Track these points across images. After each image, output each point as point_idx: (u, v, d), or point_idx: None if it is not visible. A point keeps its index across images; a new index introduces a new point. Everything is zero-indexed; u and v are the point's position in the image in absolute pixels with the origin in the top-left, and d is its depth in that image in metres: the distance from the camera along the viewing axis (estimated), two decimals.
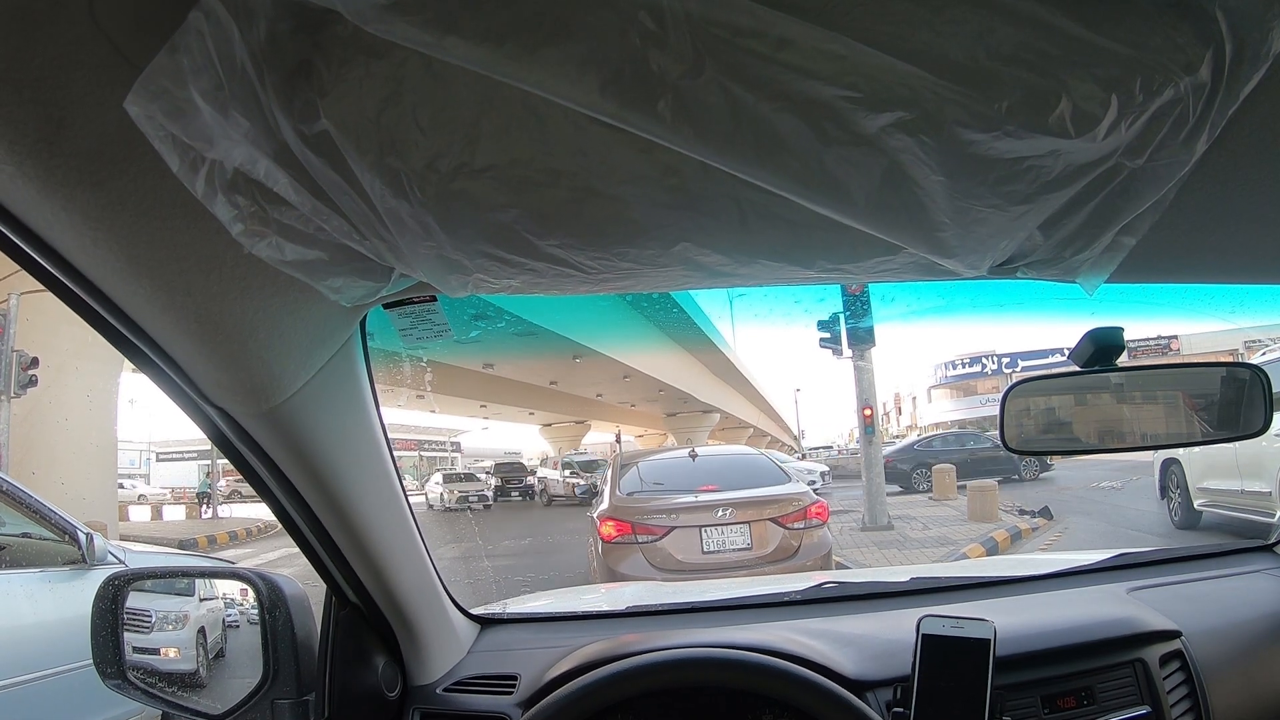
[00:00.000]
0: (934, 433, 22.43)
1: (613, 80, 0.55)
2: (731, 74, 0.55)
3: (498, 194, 0.66)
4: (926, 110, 0.58)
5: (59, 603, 3.63)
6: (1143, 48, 0.57)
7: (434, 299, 1.02)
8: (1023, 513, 11.19)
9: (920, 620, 1.24)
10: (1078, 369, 1.31)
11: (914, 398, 47.13)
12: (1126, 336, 1.26)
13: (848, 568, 7.67)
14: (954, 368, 39.88)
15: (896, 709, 1.24)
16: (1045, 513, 10.90)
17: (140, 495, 26.11)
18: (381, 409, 1.18)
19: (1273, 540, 1.79)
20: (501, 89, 0.57)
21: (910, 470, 16.44)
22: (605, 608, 2.10)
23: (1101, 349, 1.27)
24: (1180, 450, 8.47)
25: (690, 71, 0.55)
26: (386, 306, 1.03)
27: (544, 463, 29.17)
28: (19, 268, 0.72)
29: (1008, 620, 1.35)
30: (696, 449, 7.65)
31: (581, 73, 0.55)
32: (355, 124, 0.60)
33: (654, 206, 0.69)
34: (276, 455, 1.03)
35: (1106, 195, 0.69)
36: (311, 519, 1.13)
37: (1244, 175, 0.76)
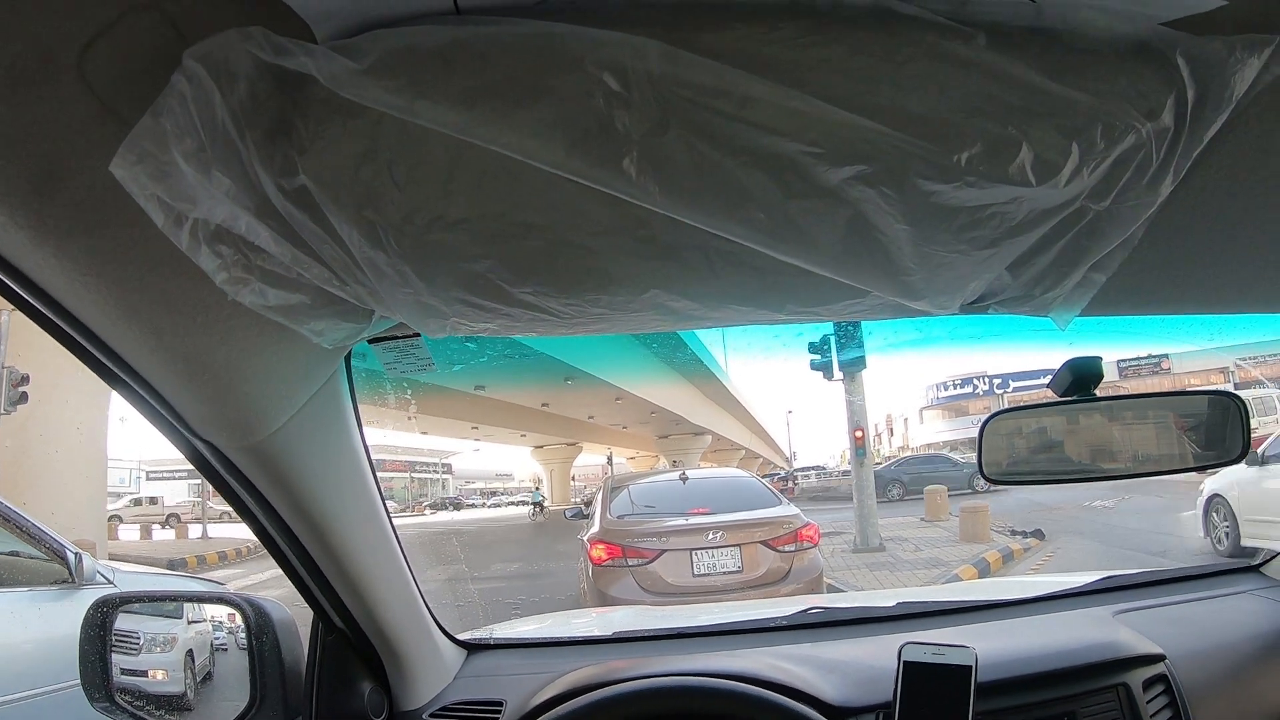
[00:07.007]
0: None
1: (580, 141, 0.57)
2: (695, 131, 0.57)
3: (472, 245, 0.67)
4: (888, 164, 0.59)
5: (46, 623, 3.59)
6: (1104, 95, 0.58)
7: (418, 334, 1.03)
8: (1014, 533, 11.15)
9: (901, 647, 1.25)
10: (1057, 398, 1.33)
11: (905, 419, 46.99)
12: (1117, 357, 1.28)
13: (840, 590, 7.64)
14: (945, 389, 39.78)
15: None
16: (1037, 533, 10.89)
17: (169, 516, 24.07)
18: (367, 439, 1.19)
19: (1258, 561, 1.80)
20: (474, 146, 0.58)
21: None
22: (592, 633, 2.10)
23: (1080, 378, 1.29)
24: None
25: (655, 130, 0.56)
26: (371, 341, 1.04)
27: None
28: None
29: (991, 645, 1.35)
30: (687, 471, 7.62)
31: (550, 134, 0.57)
32: (333, 179, 0.61)
33: (624, 257, 0.70)
34: (262, 486, 1.04)
35: (1074, 236, 0.69)
36: (297, 546, 1.14)
37: (1213, 212, 0.77)
